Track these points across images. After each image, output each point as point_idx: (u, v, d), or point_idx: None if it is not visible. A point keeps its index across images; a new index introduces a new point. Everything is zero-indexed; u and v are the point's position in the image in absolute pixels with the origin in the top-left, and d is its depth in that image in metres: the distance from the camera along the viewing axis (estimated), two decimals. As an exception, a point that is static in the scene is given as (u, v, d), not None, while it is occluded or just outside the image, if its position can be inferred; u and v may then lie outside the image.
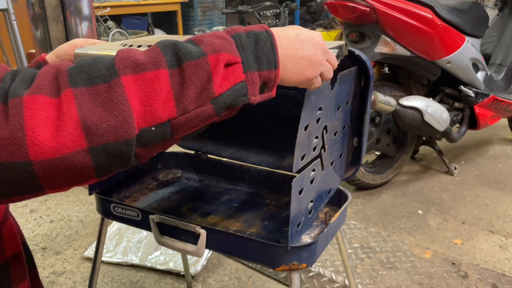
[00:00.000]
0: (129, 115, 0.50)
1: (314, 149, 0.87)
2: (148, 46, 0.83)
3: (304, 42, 0.65)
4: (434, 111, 2.27)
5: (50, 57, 0.94)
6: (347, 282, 1.71)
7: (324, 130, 0.89)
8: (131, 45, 0.86)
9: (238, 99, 0.57)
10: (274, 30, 0.64)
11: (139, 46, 0.86)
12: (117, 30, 4.11)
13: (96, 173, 0.52)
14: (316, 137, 0.87)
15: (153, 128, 0.52)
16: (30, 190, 0.50)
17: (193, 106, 0.54)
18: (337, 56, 0.75)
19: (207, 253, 1.89)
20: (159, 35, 1.10)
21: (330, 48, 0.73)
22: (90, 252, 1.92)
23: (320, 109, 0.84)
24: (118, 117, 0.50)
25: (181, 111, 0.53)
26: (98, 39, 2.99)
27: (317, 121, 0.84)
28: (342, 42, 0.86)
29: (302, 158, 0.82)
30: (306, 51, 0.65)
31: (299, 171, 0.82)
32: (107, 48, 0.87)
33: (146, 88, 0.52)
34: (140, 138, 0.52)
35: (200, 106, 0.54)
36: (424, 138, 2.68)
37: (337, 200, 1.07)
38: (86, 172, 0.51)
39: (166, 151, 1.34)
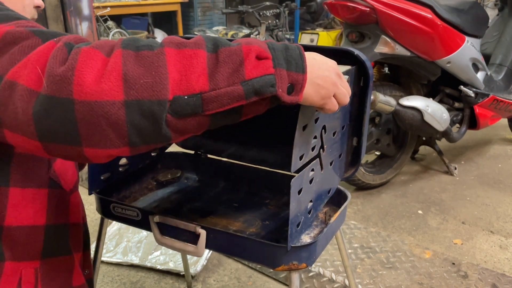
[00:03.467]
0: (165, 77, 0.56)
1: (313, 149, 0.87)
2: None
3: (321, 64, 0.70)
4: (434, 111, 2.27)
5: None
6: (347, 282, 1.71)
7: (323, 130, 0.89)
8: None
9: (266, 88, 0.62)
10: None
11: None
12: (117, 30, 4.11)
13: (129, 136, 0.57)
14: (315, 137, 0.87)
15: (186, 97, 0.58)
16: (70, 139, 0.56)
17: (224, 84, 0.59)
18: (347, 82, 0.79)
19: (207, 253, 1.89)
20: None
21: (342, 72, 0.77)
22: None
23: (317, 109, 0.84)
24: (155, 77, 0.56)
25: (213, 86, 0.59)
26: (98, 39, 2.99)
27: (316, 121, 0.84)
28: (349, 67, 0.91)
29: (301, 158, 0.82)
30: (322, 71, 0.70)
31: (298, 171, 0.82)
32: None
33: (184, 61, 0.58)
34: (173, 105, 0.57)
35: (231, 85, 0.59)
36: (424, 138, 2.68)
37: (337, 200, 1.07)
38: (120, 130, 0.56)
39: (166, 151, 1.34)
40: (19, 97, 0.56)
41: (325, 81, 0.69)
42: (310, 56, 0.70)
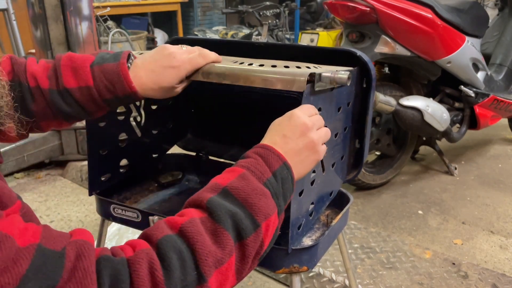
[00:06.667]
0: None
1: None
2: None
3: (294, 138, 0.70)
4: (434, 111, 2.27)
5: None
6: (347, 282, 1.71)
7: (325, 132, 0.89)
8: None
9: (273, 244, 0.66)
10: (272, 142, 0.69)
11: None
12: (117, 30, 4.11)
13: None
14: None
15: None
16: None
17: (247, 272, 0.61)
18: (348, 78, 0.79)
19: (207, 253, 1.88)
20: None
21: (341, 70, 0.78)
22: (90, 253, 1.92)
23: (319, 109, 0.83)
24: None
25: (239, 280, 0.60)
26: (98, 39, 2.99)
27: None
28: (351, 69, 0.92)
29: None
30: (302, 142, 0.70)
31: None
32: None
33: (221, 277, 0.56)
34: None
35: (252, 267, 0.62)
36: (424, 138, 2.68)
37: (339, 202, 1.06)
38: None
39: (167, 152, 1.33)
40: None
41: (308, 147, 0.71)
42: (281, 134, 0.70)
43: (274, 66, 0.83)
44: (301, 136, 0.70)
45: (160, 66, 0.81)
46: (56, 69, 0.80)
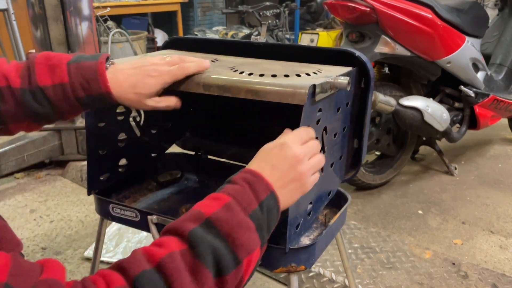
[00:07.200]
0: None
1: None
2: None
3: (283, 169, 0.69)
4: (434, 111, 2.27)
5: None
6: (347, 282, 1.71)
7: (324, 131, 0.89)
8: None
9: (253, 274, 0.65)
10: (260, 169, 0.67)
11: None
12: (117, 30, 4.11)
13: None
14: (316, 138, 0.86)
15: None
16: None
17: None
18: (348, 83, 0.79)
19: (207, 253, 1.88)
20: (168, 51, 1.13)
21: (340, 75, 0.77)
22: (90, 252, 1.92)
23: (320, 110, 0.83)
24: None
25: None
26: (98, 39, 2.99)
27: (317, 122, 0.84)
28: (350, 69, 0.93)
29: None
30: (290, 175, 0.69)
31: None
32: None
33: None
34: None
35: None
36: (424, 138, 2.68)
37: (337, 201, 1.06)
38: None
39: (166, 151, 1.34)
40: None
41: (298, 179, 0.70)
42: (270, 164, 0.69)
43: (274, 75, 0.84)
44: (290, 169, 0.69)
45: (140, 73, 0.82)
46: (29, 68, 0.79)
